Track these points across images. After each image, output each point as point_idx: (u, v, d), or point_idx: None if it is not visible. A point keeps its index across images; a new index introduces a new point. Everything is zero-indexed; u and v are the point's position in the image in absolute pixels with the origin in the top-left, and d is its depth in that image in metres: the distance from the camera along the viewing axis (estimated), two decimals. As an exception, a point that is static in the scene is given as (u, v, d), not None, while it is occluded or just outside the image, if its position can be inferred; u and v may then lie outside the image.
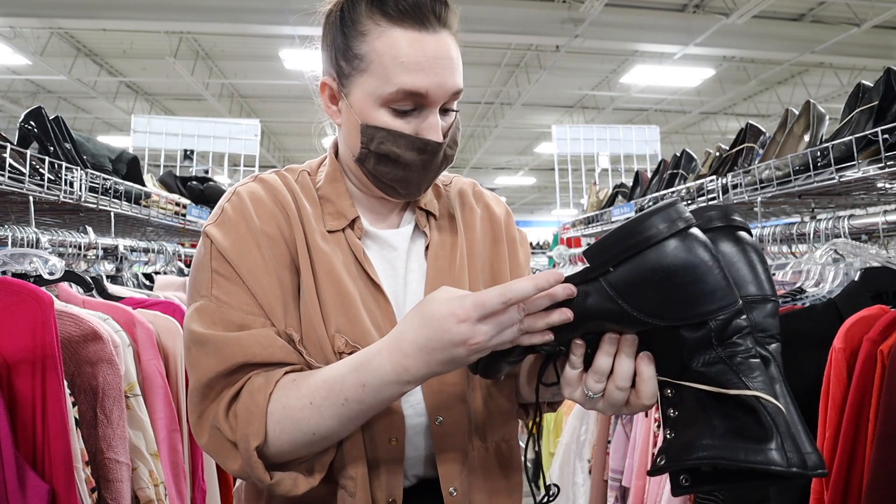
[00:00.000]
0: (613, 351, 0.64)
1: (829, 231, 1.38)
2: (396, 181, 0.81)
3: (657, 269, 0.57)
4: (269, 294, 0.75)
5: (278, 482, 0.71)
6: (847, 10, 7.01)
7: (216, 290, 0.75)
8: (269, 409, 0.70)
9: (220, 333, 0.72)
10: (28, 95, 10.01)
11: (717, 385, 0.58)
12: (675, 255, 0.56)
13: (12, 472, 0.90)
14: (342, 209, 0.84)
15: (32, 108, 1.64)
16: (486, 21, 6.75)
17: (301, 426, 0.70)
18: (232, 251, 0.76)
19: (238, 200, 0.81)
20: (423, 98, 0.76)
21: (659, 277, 0.57)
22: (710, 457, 0.56)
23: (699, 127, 12.65)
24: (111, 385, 1.14)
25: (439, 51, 0.76)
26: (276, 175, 0.86)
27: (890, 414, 0.88)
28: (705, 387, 0.58)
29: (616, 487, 1.74)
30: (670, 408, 0.63)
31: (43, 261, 1.24)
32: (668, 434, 0.62)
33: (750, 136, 1.97)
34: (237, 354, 0.71)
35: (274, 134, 12.79)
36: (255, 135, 4.39)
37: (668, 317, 0.58)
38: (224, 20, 6.59)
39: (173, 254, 2.16)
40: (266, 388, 0.71)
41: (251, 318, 0.74)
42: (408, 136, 0.77)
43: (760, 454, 0.54)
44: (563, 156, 4.77)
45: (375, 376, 0.68)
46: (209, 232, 0.79)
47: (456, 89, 0.78)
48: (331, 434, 0.71)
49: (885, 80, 1.33)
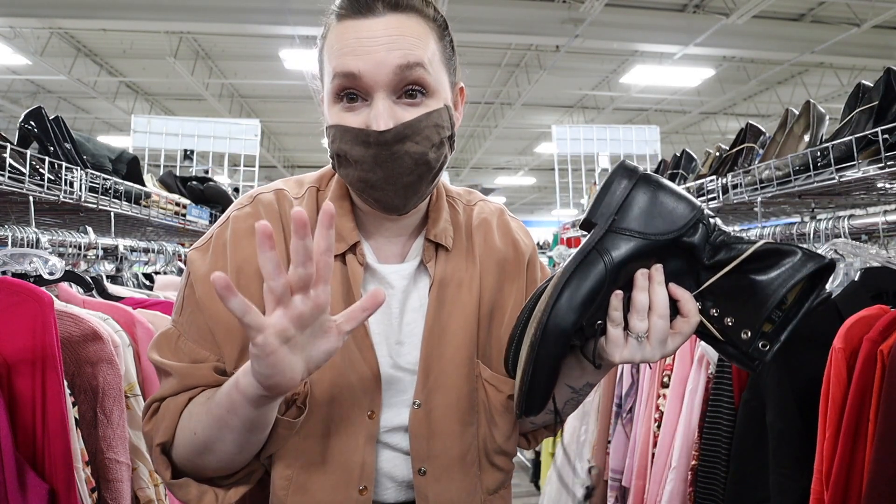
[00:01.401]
0: (646, 284, 0.69)
1: (829, 231, 1.38)
2: (362, 187, 0.73)
3: (649, 199, 0.71)
4: (227, 336, 0.74)
5: (182, 486, 0.72)
6: (847, 10, 7.01)
7: (183, 317, 0.77)
8: (182, 415, 0.72)
9: (183, 364, 0.74)
10: (28, 95, 10.01)
11: (732, 261, 0.68)
12: (654, 185, 0.72)
13: (12, 472, 0.90)
14: (342, 231, 0.78)
15: (32, 108, 1.64)
16: (486, 21, 6.75)
17: (190, 423, 0.71)
18: (203, 287, 0.75)
19: (225, 231, 0.78)
20: (359, 80, 0.69)
21: (652, 205, 0.71)
22: (778, 297, 0.65)
23: (699, 127, 12.65)
24: (111, 385, 1.14)
25: (375, 31, 0.70)
26: (275, 196, 0.80)
27: (890, 414, 0.88)
28: (727, 267, 0.68)
29: (616, 487, 1.74)
30: (712, 309, 0.70)
31: (43, 261, 1.24)
32: (728, 322, 0.68)
33: (750, 136, 1.97)
34: (185, 382, 0.73)
35: (274, 134, 12.78)
36: (255, 135, 4.39)
37: (674, 227, 0.69)
38: (224, 20, 6.59)
39: (173, 254, 2.16)
40: (186, 397, 0.73)
41: (204, 354, 0.75)
42: (352, 129, 0.71)
43: (803, 264, 0.65)
44: (563, 156, 4.77)
45: (243, 371, 0.65)
46: (191, 258, 0.78)
47: (399, 63, 0.69)
48: (208, 439, 0.69)
49: (885, 80, 1.33)
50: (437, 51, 0.74)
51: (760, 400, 1.10)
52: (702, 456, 1.25)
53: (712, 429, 1.23)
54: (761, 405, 1.10)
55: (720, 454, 1.20)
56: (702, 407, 1.32)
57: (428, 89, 0.72)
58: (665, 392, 1.51)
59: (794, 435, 1.05)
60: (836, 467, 0.94)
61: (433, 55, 0.73)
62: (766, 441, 1.07)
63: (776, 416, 1.06)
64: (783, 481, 1.03)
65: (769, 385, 1.08)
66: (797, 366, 1.07)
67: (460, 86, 0.81)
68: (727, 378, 1.21)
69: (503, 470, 0.85)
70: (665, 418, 1.47)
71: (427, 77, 0.71)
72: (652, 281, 0.69)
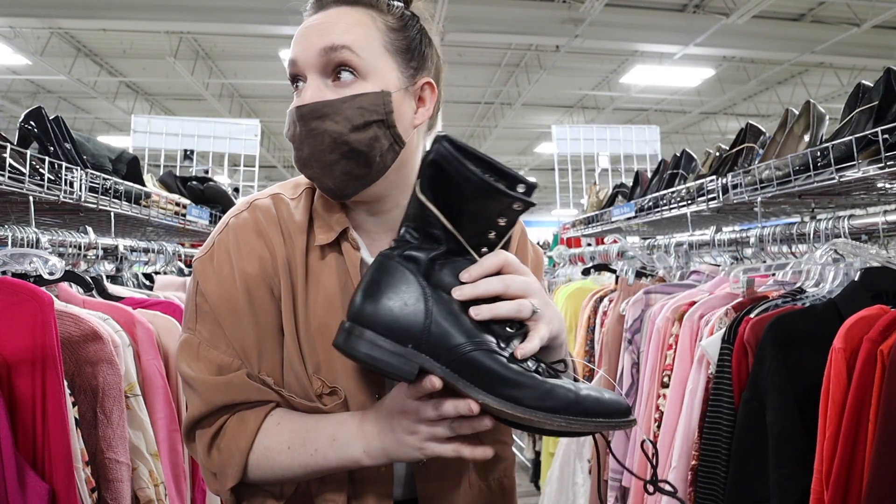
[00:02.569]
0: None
1: (829, 231, 1.38)
2: (299, 166, 0.77)
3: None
4: (244, 339, 0.76)
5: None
6: (847, 10, 7.01)
7: (200, 325, 0.78)
8: (252, 452, 0.74)
9: (203, 377, 0.75)
10: (28, 95, 10.01)
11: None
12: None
13: (12, 472, 0.90)
14: (330, 222, 0.80)
15: (32, 108, 1.64)
16: (486, 21, 6.75)
17: (274, 467, 0.74)
18: (213, 293, 0.77)
19: (227, 236, 0.79)
20: (297, 66, 0.75)
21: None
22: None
23: (699, 127, 12.65)
24: (111, 385, 1.14)
25: (316, 22, 0.75)
26: (272, 200, 0.82)
27: (890, 414, 0.88)
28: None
29: (616, 487, 1.74)
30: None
31: (43, 261, 1.24)
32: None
33: (750, 136, 1.97)
34: (216, 399, 0.75)
35: (274, 134, 12.78)
36: (255, 135, 4.39)
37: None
38: (224, 20, 6.59)
39: (173, 254, 2.16)
40: (250, 433, 0.74)
41: (228, 360, 0.76)
42: (289, 112, 0.76)
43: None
44: (563, 156, 4.77)
45: (345, 434, 0.71)
46: (196, 267, 0.80)
47: (324, 45, 0.73)
48: (294, 480, 0.76)
49: (885, 80, 1.33)
50: (375, 38, 0.75)
51: (760, 400, 1.10)
52: (702, 456, 1.25)
53: (712, 429, 1.23)
54: (761, 405, 1.10)
55: (720, 454, 1.20)
56: (702, 407, 1.32)
57: (359, 71, 0.74)
58: (665, 392, 1.51)
59: (794, 435, 1.04)
60: (836, 467, 0.94)
61: (369, 41, 0.75)
62: (766, 441, 1.07)
63: (776, 416, 1.06)
64: (783, 481, 1.03)
65: (769, 385, 1.08)
66: (797, 366, 1.07)
67: (426, 81, 0.80)
68: (727, 378, 1.21)
69: (499, 457, 0.86)
70: (665, 418, 1.47)
71: (354, 59, 0.73)
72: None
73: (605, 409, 0.62)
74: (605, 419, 0.61)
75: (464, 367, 0.63)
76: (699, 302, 1.52)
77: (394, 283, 0.65)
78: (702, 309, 1.49)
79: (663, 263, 2.04)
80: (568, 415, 0.60)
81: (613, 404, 0.62)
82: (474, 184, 0.62)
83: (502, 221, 0.66)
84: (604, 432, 0.67)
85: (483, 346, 0.63)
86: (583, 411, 0.61)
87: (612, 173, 4.75)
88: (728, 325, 1.27)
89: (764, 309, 1.25)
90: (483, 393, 0.62)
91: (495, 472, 0.86)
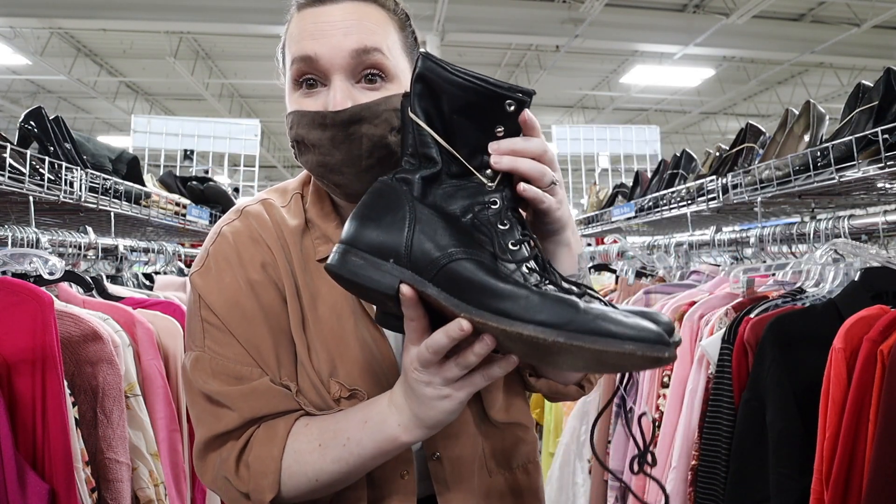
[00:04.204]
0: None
1: (829, 231, 1.38)
2: (322, 172, 0.73)
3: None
4: (259, 346, 0.74)
5: None
6: (847, 10, 7.01)
7: (209, 340, 0.74)
8: (284, 459, 0.70)
9: (224, 389, 0.72)
10: (28, 95, 10.01)
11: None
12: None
13: (12, 472, 0.90)
14: (328, 233, 0.78)
15: (32, 108, 1.64)
16: (486, 21, 6.75)
17: (307, 471, 0.69)
18: (218, 303, 0.74)
19: (222, 245, 0.77)
20: (317, 63, 0.69)
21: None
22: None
23: (699, 127, 12.65)
24: (111, 385, 1.14)
25: (333, 16, 0.70)
26: (263, 206, 0.80)
27: (890, 414, 0.88)
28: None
29: (616, 487, 1.74)
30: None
31: (43, 261, 1.24)
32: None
33: (750, 136, 1.97)
34: (244, 411, 0.71)
35: (274, 134, 12.79)
36: (255, 135, 4.39)
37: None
38: (224, 20, 6.59)
39: (173, 254, 2.16)
40: (280, 439, 0.70)
41: (247, 370, 0.73)
42: (308, 113, 0.70)
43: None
44: (563, 156, 4.77)
45: (376, 412, 0.67)
46: (195, 282, 0.76)
47: (355, 47, 0.69)
48: (332, 481, 0.70)
49: (885, 80, 1.32)
50: (397, 40, 0.74)
51: (760, 400, 1.10)
52: (702, 456, 1.25)
53: (712, 429, 1.23)
54: (761, 405, 1.10)
55: (720, 454, 1.20)
56: (702, 407, 1.32)
57: (388, 74, 0.71)
58: (665, 392, 1.51)
59: (794, 435, 1.04)
60: (836, 467, 0.94)
61: (393, 43, 0.73)
62: (766, 441, 1.07)
63: (776, 415, 1.06)
64: (783, 481, 1.03)
65: (769, 385, 1.08)
66: (797, 366, 1.07)
67: None
68: (727, 378, 1.21)
69: (520, 440, 0.85)
70: (665, 418, 1.47)
71: (386, 62, 0.71)
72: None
73: (622, 330, 0.49)
74: (619, 341, 0.48)
75: (447, 280, 0.57)
76: (699, 302, 1.52)
77: (382, 203, 0.62)
78: (702, 309, 1.49)
79: (663, 263, 2.04)
80: (569, 330, 0.49)
81: (635, 327, 0.49)
82: (462, 86, 0.59)
83: (500, 131, 0.62)
84: (625, 365, 0.52)
85: (468, 256, 0.57)
86: (589, 328, 0.49)
87: (612, 173, 4.75)
88: (728, 325, 1.27)
89: (764, 309, 1.25)
90: (469, 307, 0.54)
91: (517, 458, 0.85)
